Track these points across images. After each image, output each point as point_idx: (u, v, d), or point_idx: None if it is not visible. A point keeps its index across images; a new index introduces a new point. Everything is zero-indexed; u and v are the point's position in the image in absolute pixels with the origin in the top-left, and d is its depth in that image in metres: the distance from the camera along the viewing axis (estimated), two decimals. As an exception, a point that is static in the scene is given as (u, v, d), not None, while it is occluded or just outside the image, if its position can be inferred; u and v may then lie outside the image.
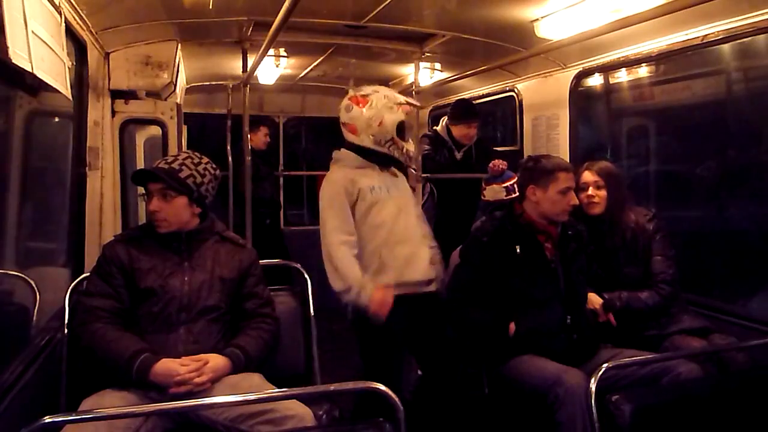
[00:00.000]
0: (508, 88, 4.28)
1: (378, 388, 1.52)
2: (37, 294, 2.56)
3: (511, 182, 3.41)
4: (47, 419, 1.30)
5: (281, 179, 6.15)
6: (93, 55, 2.83)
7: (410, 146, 2.66)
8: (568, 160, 3.08)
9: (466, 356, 2.57)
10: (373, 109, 2.54)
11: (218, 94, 5.43)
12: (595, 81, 4.18)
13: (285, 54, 4.14)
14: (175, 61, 3.28)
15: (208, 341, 2.05)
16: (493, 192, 3.49)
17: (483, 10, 2.90)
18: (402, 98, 2.63)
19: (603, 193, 2.68)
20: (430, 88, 4.66)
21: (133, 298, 2.06)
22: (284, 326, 2.29)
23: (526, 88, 4.09)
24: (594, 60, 3.39)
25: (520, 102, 4.14)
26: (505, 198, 3.37)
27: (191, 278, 2.09)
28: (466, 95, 4.74)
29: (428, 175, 3.85)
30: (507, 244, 2.39)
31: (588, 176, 2.71)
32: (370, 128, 2.54)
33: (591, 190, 2.68)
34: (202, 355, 1.97)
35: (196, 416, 1.90)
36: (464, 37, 3.29)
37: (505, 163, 3.56)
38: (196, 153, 2.22)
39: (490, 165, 3.54)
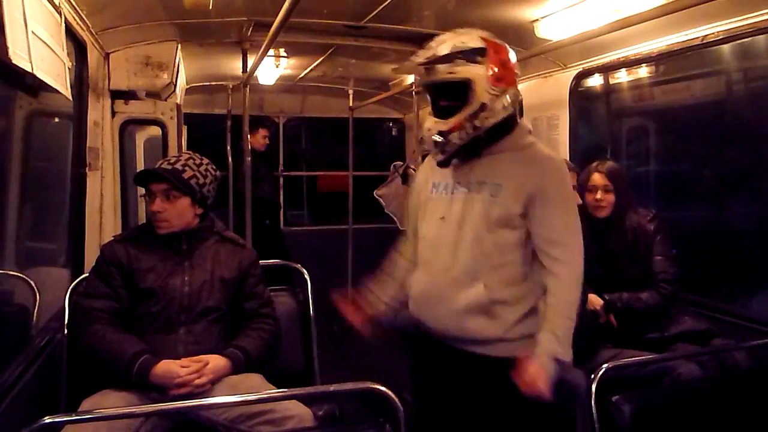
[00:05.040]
0: (508, 89, 4.27)
1: (378, 388, 1.52)
2: (37, 294, 2.56)
3: None
4: (47, 419, 1.30)
5: (281, 180, 6.16)
6: (93, 56, 2.83)
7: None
8: (567, 160, 3.08)
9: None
10: None
11: (218, 94, 5.44)
12: (595, 81, 4.18)
13: (285, 54, 4.14)
14: (175, 62, 3.28)
15: (208, 342, 2.05)
16: None
17: (483, 10, 2.90)
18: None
19: (611, 197, 2.66)
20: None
21: (132, 299, 2.05)
22: (284, 326, 2.29)
23: (526, 88, 4.09)
24: (594, 60, 3.39)
25: (520, 102, 4.13)
26: None
27: (191, 278, 2.09)
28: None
29: None
30: None
31: (598, 179, 2.67)
32: None
33: (599, 194, 2.65)
34: (202, 356, 1.97)
35: (196, 416, 1.89)
36: (464, 38, 3.29)
37: None
38: (196, 154, 2.22)
39: None
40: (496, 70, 1.78)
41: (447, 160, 1.88)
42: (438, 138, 1.80)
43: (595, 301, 2.54)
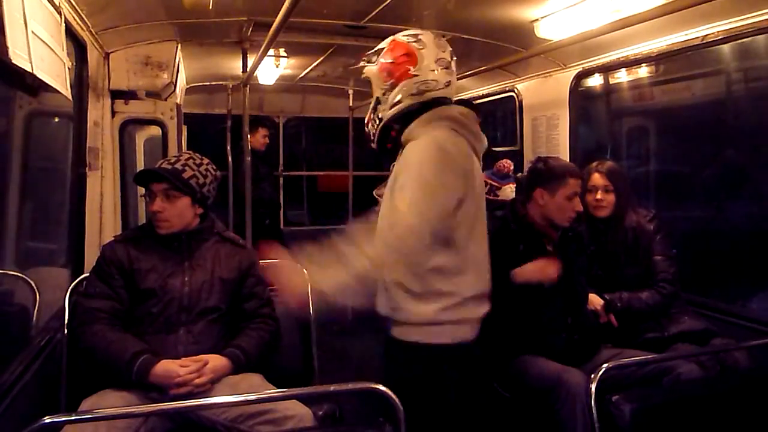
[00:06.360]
0: (508, 88, 4.27)
1: (378, 388, 1.52)
2: (37, 294, 2.56)
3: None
4: (47, 419, 1.30)
5: (281, 179, 6.16)
6: (93, 56, 2.83)
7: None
8: (568, 161, 3.08)
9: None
10: None
11: (218, 94, 5.44)
12: (595, 81, 4.18)
13: (285, 54, 4.14)
14: (175, 61, 3.28)
15: (208, 342, 2.05)
16: (506, 193, 3.54)
17: (483, 11, 2.89)
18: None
19: (611, 197, 2.66)
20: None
21: (132, 299, 2.05)
22: (284, 326, 2.29)
23: (526, 88, 4.09)
24: (594, 60, 3.39)
25: (520, 102, 4.14)
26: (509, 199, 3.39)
27: (191, 278, 2.09)
28: (466, 95, 4.74)
29: None
30: (510, 243, 2.38)
31: (597, 179, 2.67)
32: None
33: (600, 194, 2.65)
34: (202, 355, 1.97)
35: (196, 416, 1.90)
36: (464, 38, 3.29)
37: (511, 163, 3.60)
38: (196, 154, 2.22)
39: (498, 165, 3.58)
40: (385, 67, 1.92)
41: (377, 148, 2.04)
42: (366, 128, 2.04)
43: (596, 301, 2.54)
